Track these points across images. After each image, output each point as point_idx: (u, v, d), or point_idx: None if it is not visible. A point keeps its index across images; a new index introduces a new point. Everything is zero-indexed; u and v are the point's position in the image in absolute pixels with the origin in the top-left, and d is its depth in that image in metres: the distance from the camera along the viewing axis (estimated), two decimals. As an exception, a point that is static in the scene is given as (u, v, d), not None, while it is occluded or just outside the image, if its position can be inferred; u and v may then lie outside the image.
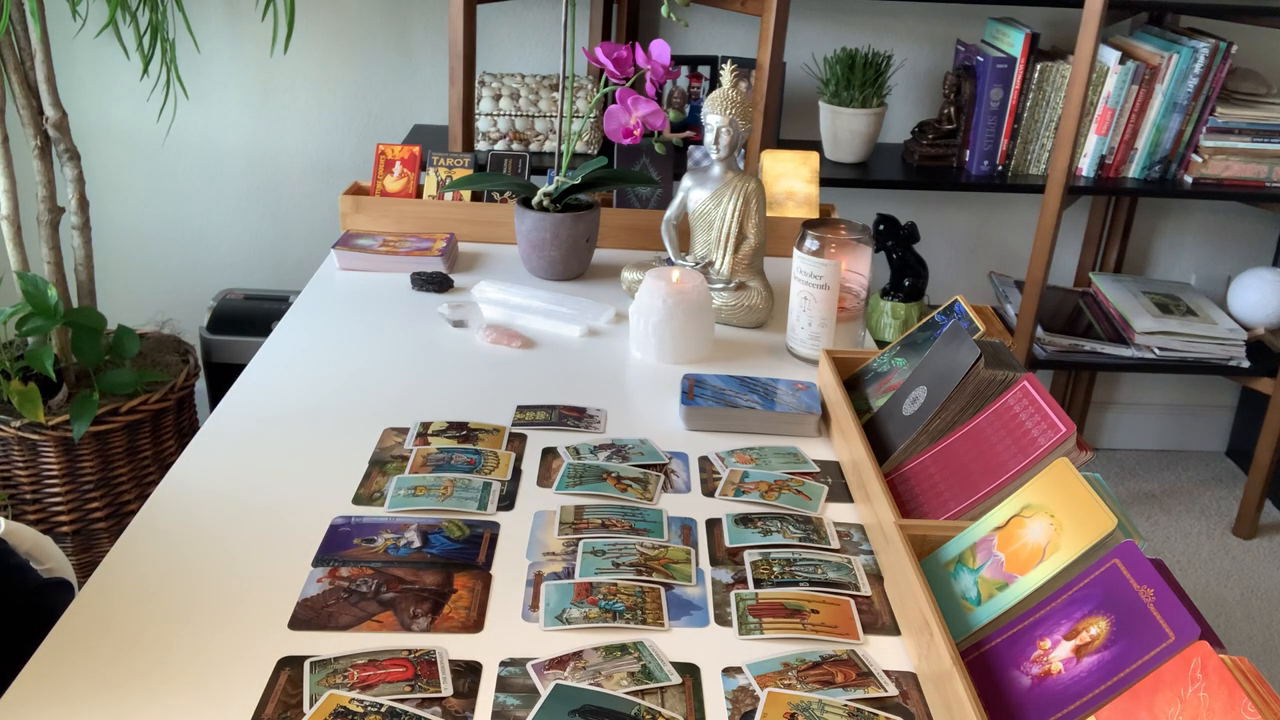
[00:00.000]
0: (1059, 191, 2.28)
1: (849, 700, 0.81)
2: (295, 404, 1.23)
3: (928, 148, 2.48)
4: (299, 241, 2.75)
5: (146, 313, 2.62)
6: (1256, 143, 2.37)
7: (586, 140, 2.39)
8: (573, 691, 0.80)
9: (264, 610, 0.89)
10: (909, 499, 1.03)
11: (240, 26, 2.55)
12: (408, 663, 0.83)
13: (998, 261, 2.82)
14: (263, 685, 0.81)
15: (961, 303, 1.25)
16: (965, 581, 0.87)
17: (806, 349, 1.37)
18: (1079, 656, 0.74)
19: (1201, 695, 0.64)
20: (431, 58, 2.60)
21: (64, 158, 2.14)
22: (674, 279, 1.35)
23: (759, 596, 0.93)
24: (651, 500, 1.07)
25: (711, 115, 1.44)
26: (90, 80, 2.57)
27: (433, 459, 1.11)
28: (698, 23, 2.61)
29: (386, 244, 1.66)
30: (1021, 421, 0.98)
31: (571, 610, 0.90)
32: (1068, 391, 2.94)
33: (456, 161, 1.75)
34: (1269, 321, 2.54)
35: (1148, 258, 2.87)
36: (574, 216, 1.56)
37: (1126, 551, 0.77)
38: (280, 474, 1.08)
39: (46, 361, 2.01)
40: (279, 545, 0.97)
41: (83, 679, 0.81)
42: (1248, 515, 2.64)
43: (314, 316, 1.46)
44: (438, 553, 0.97)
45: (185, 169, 2.68)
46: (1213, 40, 2.31)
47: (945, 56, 2.63)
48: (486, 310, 1.49)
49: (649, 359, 1.38)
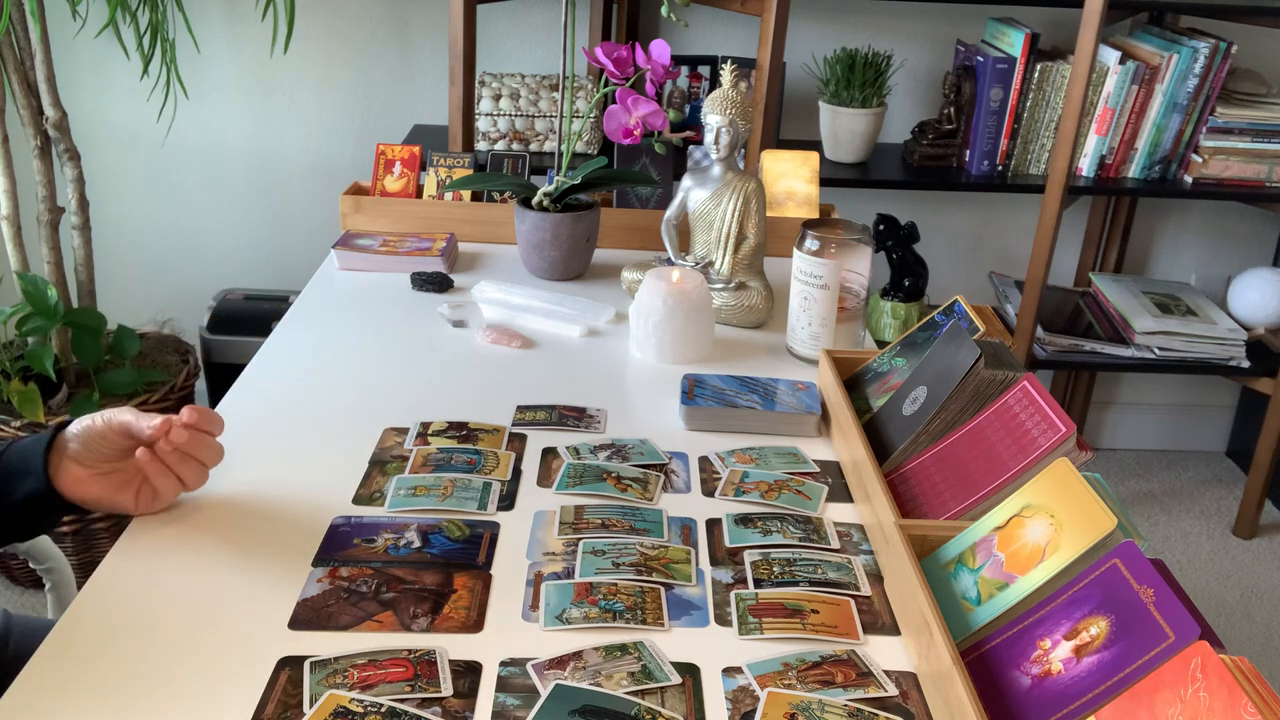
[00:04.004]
0: (1059, 191, 2.28)
1: (849, 700, 0.81)
2: (295, 404, 1.23)
3: (928, 148, 2.48)
4: (299, 241, 2.75)
5: (146, 313, 2.62)
6: (1256, 143, 2.37)
7: (586, 140, 2.39)
8: (573, 691, 0.81)
9: (264, 610, 0.89)
10: (909, 499, 1.03)
11: (240, 26, 2.55)
12: (408, 663, 0.83)
13: (998, 261, 2.82)
14: (263, 685, 0.81)
15: (961, 303, 1.25)
16: (965, 581, 0.87)
17: (806, 349, 1.37)
18: (1079, 656, 0.74)
19: (1201, 695, 0.64)
20: (431, 58, 2.60)
21: (64, 158, 2.14)
22: (674, 279, 1.35)
23: (759, 596, 0.93)
24: (651, 500, 1.07)
25: (711, 115, 1.44)
26: (90, 80, 2.57)
27: (433, 459, 1.11)
28: (698, 23, 2.61)
29: (386, 244, 1.66)
30: (1021, 421, 0.98)
31: (571, 610, 0.90)
32: (1068, 391, 2.94)
33: (456, 161, 1.75)
34: (1269, 321, 2.53)
35: (1148, 258, 2.87)
36: (574, 216, 1.56)
37: (1126, 551, 0.77)
38: (280, 474, 1.08)
39: (46, 361, 2.01)
40: (279, 545, 0.97)
41: (82, 679, 0.81)
42: (1248, 515, 2.64)
43: (314, 316, 1.46)
44: (438, 553, 0.97)
45: (185, 169, 2.68)
46: (1213, 40, 2.31)
47: (945, 56, 2.63)
48: (486, 310, 1.49)
49: (649, 359, 1.38)
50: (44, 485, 0.95)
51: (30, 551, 1.21)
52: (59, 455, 0.96)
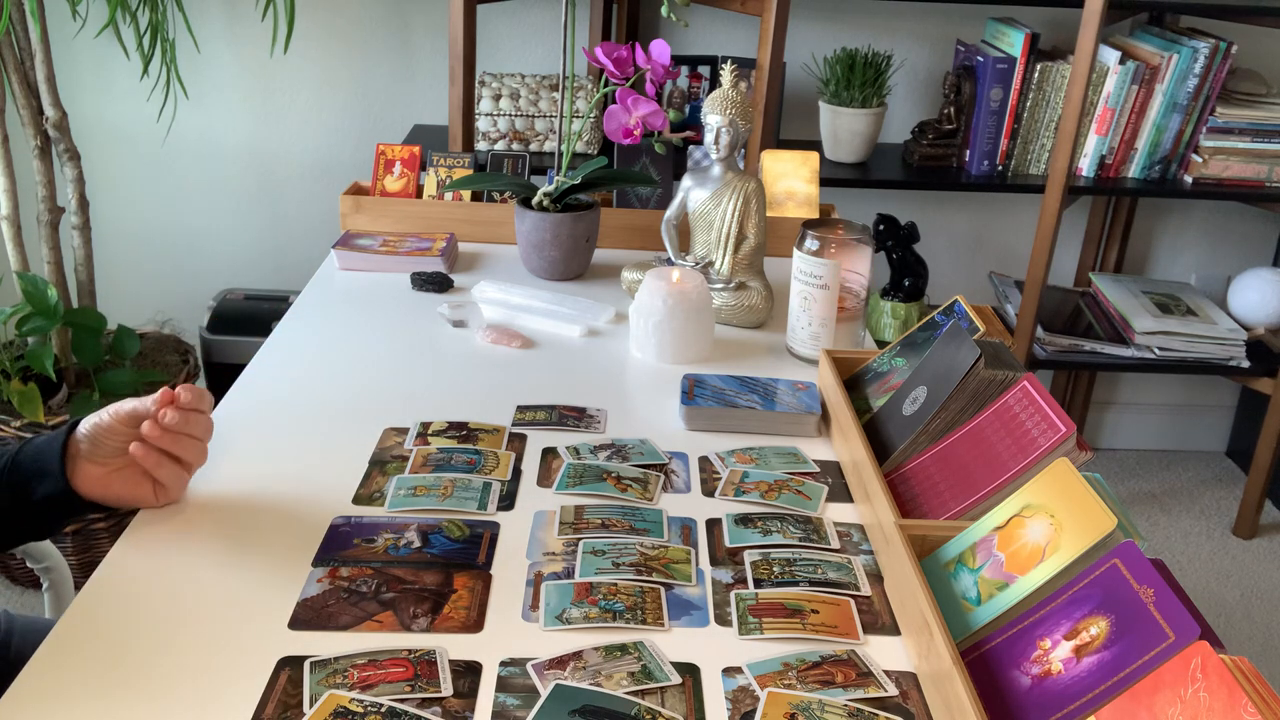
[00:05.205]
0: (1059, 191, 2.28)
1: (849, 700, 0.81)
2: (295, 404, 1.23)
3: (928, 148, 2.48)
4: (299, 241, 2.75)
5: (146, 313, 2.62)
6: (1256, 143, 2.37)
7: (586, 140, 2.39)
8: (573, 691, 0.81)
9: (264, 610, 0.89)
10: (909, 499, 1.03)
11: (240, 26, 2.55)
12: (408, 663, 0.83)
13: (998, 261, 2.82)
14: (263, 685, 0.81)
15: (961, 303, 1.25)
16: (965, 581, 0.87)
17: (806, 349, 1.37)
18: (1079, 656, 0.74)
19: (1201, 695, 0.64)
20: (431, 58, 2.60)
21: (64, 158, 2.14)
22: (674, 279, 1.35)
23: (759, 596, 0.93)
24: (651, 500, 1.07)
25: (711, 115, 1.44)
26: (90, 80, 2.57)
27: (433, 459, 1.11)
28: (698, 23, 2.61)
29: (386, 244, 1.66)
30: (1021, 421, 0.98)
31: (571, 610, 0.90)
32: (1068, 391, 2.93)
33: (456, 161, 1.75)
34: (1269, 321, 2.53)
35: (1148, 258, 2.87)
36: (574, 216, 1.56)
37: (1126, 551, 0.77)
38: (280, 474, 1.08)
39: (46, 361, 2.01)
40: (279, 545, 0.97)
41: (82, 679, 0.81)
42: (1248, 515, 2.64)
43: (314, 316, 1.46)
44: (438, 553, 0.97)
45: (185, 169, 2.68)
46: (1213, 40, 2.31)
47: (945, 56, 2.63)
48: (486, 310, 1.49)
49: (649, 359, 1.38)
50: (63, 486, 0.95)
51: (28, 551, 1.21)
52: (73, 459, 0.96)
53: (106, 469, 0.97)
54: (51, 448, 0.96)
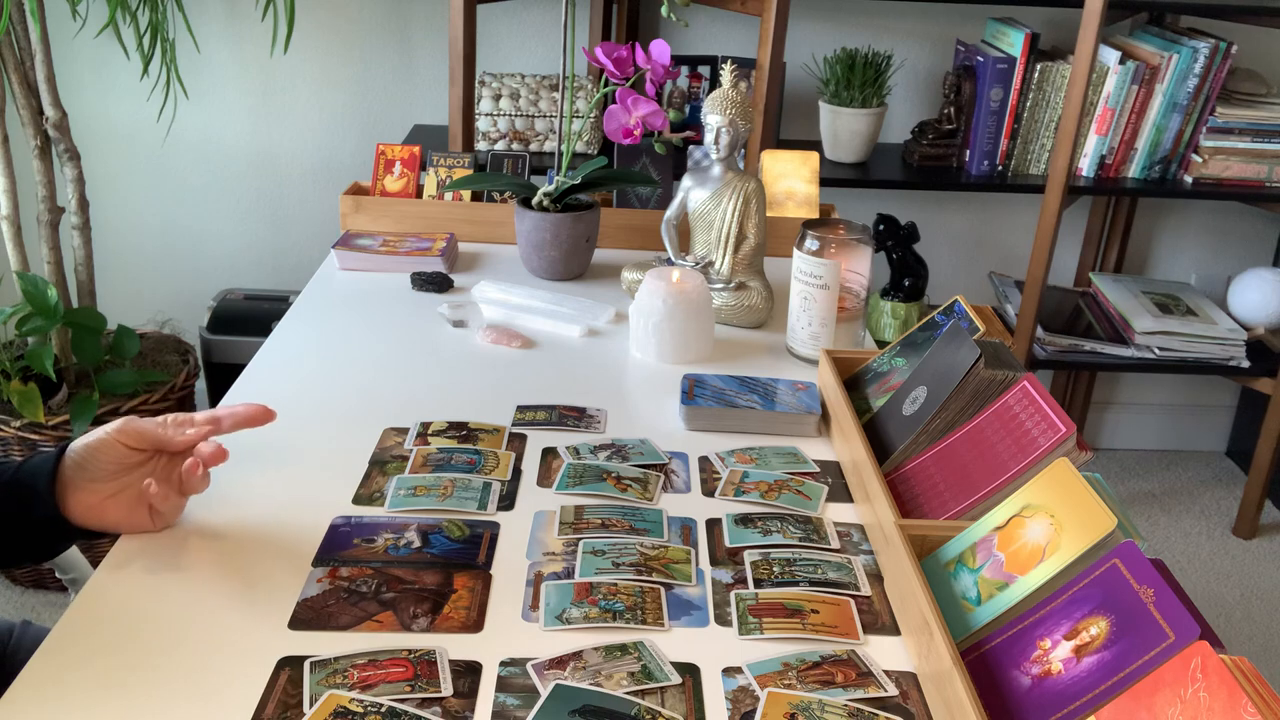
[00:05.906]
0: (1059, 191, 2.28)
1: (849, 700, 0.81)
2: (295, 404, 1.23)
3: (928, 148, 2.48)
4: (299, 241, 2.75)
5: (146, 313, 2.62)
6: (1256, 143, 2.37)
7: (586, 140, 2.39)
8: (573, 691, 0.81)
9: (264, 610, 0.89)
10: (909, 499, 1.03)
11: (240, 26, 2.55)
12: (408, 663, 0.83)
13: (998, 261, 2.82)
14: (263, 685, 0.81)
15: (961, 303, 1.25)
16: (965, 581, 0.87)
17: (806, 349, 1.37)
18: (1079, 656, 0.74)
19: (1201, 695, 0.64)
20: (431, 58, 2.60)
21: (64, 158, 2.14)
22: (674, 279, 1.35)
23: (759, 596, 0.93)
24: (651, 500, 1.07)
25: (711, 115, 1.44)
26: (90, 80, 2.57)
27: (433, 459, 1.11)
28: (698, 23, 2.61)
29: (386, 244, 1.66)
30: (1021, 421, 0.98)
31: (571, 610, 0.90)
32: (1068, 391, 2.94)
33: (456, 161, 1.75)
34: (1269, 321, 2.54)
35: (1148, 258, 2.87)
36: (574, 216, 1.56)
37: (1126, 551, 0.77)
38: (280, 474, 1.08)
39: (46, 361, 2.01)
40: (279, 545, 0.97)
41: (82, 679, 0.80)
42: (1248, 515, 2.64)
43: (314, 316, 1.46)
44: (438, 553, 0.97)
45: (185, 169, 2.68)
46: (1213, 40, 2.31)
47: (945, 56, 2.63)
48: (486, 310, 1.49)
49: (649, 359, 1.38)
50: (55, 514, 0.92)
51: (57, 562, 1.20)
52: (63, 487, 0.92)
53: (99, 496, 0.93)
54: (43, 469, 0.92)
